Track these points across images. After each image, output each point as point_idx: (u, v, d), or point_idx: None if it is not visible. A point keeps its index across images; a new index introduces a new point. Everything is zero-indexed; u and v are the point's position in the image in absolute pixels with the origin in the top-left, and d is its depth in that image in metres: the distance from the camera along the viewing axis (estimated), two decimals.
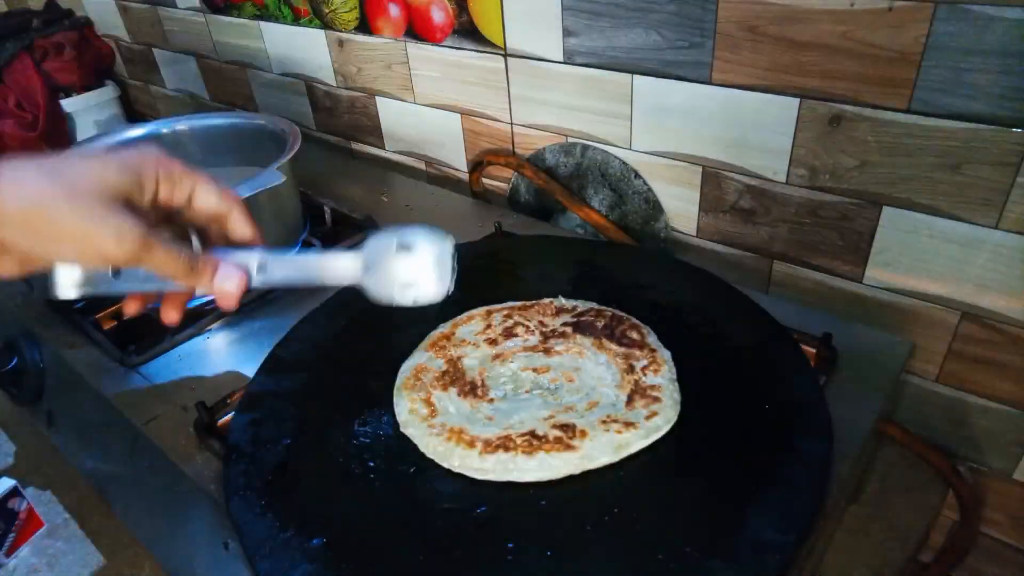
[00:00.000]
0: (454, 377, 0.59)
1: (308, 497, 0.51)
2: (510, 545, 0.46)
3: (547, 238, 0.85)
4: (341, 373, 0.63)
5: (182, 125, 0.96)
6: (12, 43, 1.43)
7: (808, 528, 0.46)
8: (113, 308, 0.81)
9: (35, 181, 0.38)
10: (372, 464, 0.53)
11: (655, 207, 0.85)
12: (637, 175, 0.85)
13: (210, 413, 0.62)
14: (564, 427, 0.52)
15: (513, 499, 0.49)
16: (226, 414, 0.63)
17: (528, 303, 0.67)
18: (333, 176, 1.10)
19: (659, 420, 0.53)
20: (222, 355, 0.73)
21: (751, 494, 0.48)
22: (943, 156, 0.62)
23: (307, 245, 0.89)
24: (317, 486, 0.52)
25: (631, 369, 0.58)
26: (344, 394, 0.60)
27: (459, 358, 0.61)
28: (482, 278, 0.76)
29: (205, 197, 0.45)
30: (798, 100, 0.67)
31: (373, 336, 0.68)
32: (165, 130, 0.95)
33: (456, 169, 1.08)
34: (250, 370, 0.64)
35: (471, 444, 0.52)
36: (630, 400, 0.55)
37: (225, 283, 0.44)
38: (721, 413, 0.55)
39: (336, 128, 1.23)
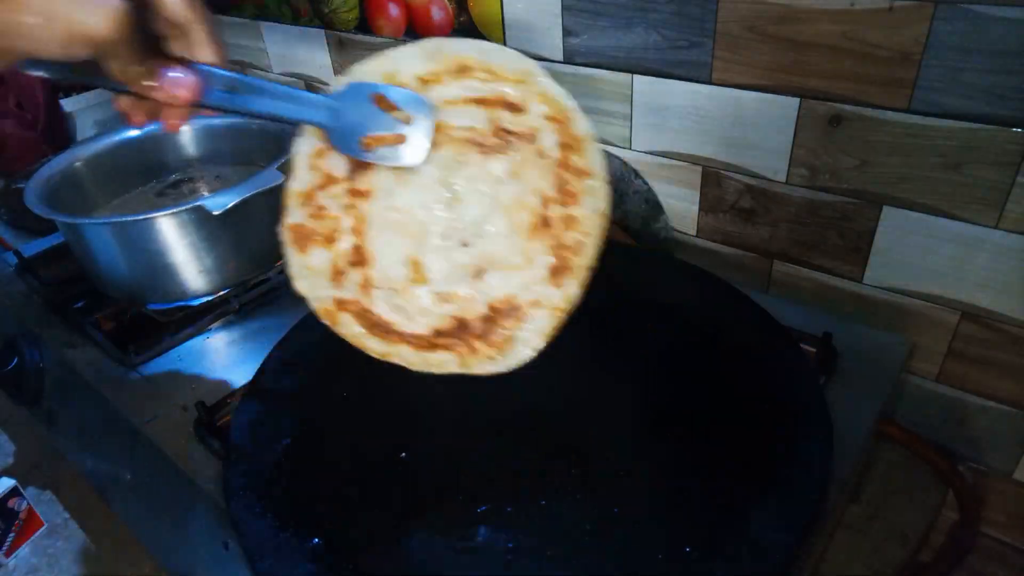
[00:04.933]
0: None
1: (308, 497, 0.51)
2: (510, 545, 0.46)
3: None
4: (341, 373, 0.63)
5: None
6: None
7: (809, 528, 0.46)
8: (112, 309, 0.81)
9: None
10: (372, 464, 0.53)
11: (655, 207, 0.85)
12: (637, 175, 0.84)
13: (210, 413, 0.62)
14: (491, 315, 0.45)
15: (513, 498, 0.49)
16: (226, 414, 0.63)
17: None
18: None
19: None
20: (221, 355, 0.73)
21: (751, 494, 0.48)
22: (943, 156, 0.62)
23: None
24: (317, 486, 0.52)
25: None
26: (343, 394, 0.60)
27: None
28: None
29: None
30: (798, 100, 0.67)
31: None
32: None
33: None
34: (249, 370, 0.64)
35: (405, 341, 0.46)
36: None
37: (176, 88, 0.39)
38: (721, 413, 0.55)
39: None
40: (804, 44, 0.64)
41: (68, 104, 1.52)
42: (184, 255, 0.76)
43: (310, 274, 0.47)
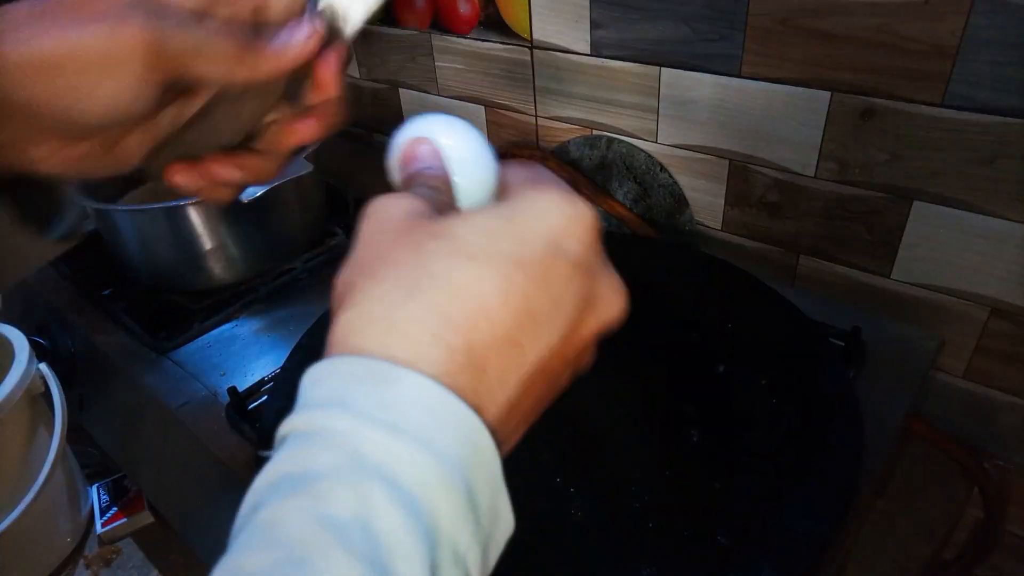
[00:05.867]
0: None
1: None
2: (538, 536, 0.47)
3: None
4: None
5: None
6: None
7: (842, 519, 0.46)
8: (141, 296, 0.82)
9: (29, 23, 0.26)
10: None
11: (680, 200, 0.85)
12: (663, 168, 0.84)
13: (241, 399, 0.62)
14: None
15: (540, 492, 0.50)
16: (257, 400, 0.64)
17: None
18: (355, 167, 1.11)
19: None
20: (249, 343, 0.74)
21: (784, 485, 0.48)
22: (976, 150, 0.61)
23: (330, 234, 0.90)
24: None
25: None
26: None
27: None
28: None
29: None
30: (829, 94, 0.67)
31: None
32: None
33: None
34: (278, 358, 0.65)
35: None
36: None
37: (293, 41, 0.29)
38: (751, 405, 0.55)
39: (358, 119, 1.23)
40: (837, 37, 0.64)
41: None
42: (213, 243, 0.76)
43: None
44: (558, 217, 0.24)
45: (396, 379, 0.20)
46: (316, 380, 0.22)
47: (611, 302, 0.26)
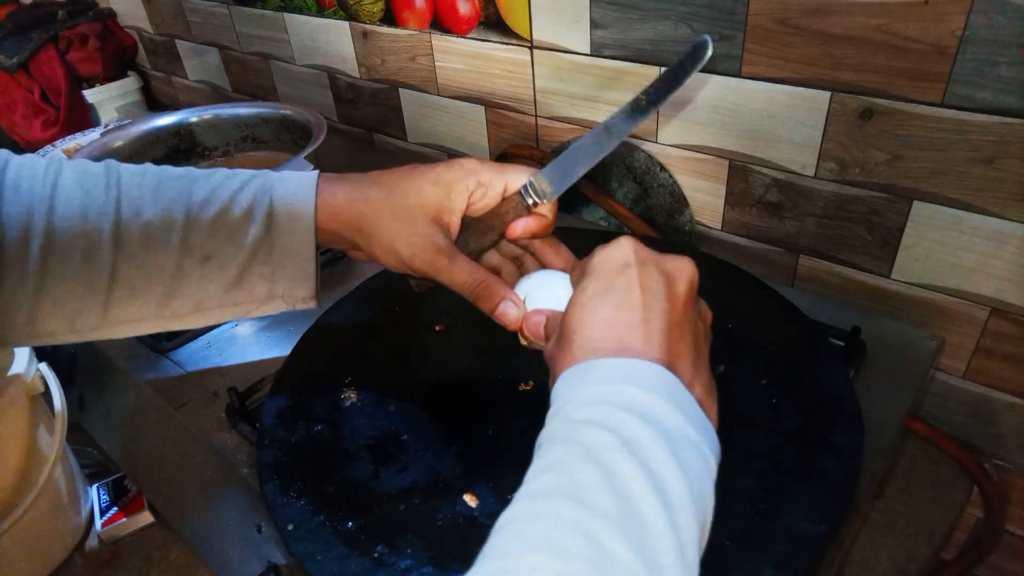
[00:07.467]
0: None
1: (340, 481, 0.52)
2: None
3: (570, 230, 0.85)
4: (373, 360, 0.63)
5: (209, 114, 0.97)
6: (38, 34, 1.45)
7: (841, 519, 0.46)
8: None
9: (375, 198, 0.48)
10: (404, 450, 0.54)
11: (680, 200, 0.85)
12: (663, 168, 0.84)
13: (241, 398, 0.62)
14: None
15: None
16: (257, 400, 0.64)
17: None
18: (354, 168, 1.10)
19: None
20: (250, 343, 0.74)
21: (783, 485, 0.48)
22: (976, 150, 0.61)
23: None
24: (349, 471, 0.53)
25: None
26: (376, 381, 0.61)
27: None
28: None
29: (515, 183, 0.49)
30: (829, 93, 0.67)
31: (405, 324, 0.68)
32: (194, 119, 0.96)
33: None
34: (278, 357, 0.65)
35: None
36: None
37: (504, 315, 0.47)
38: (751, 405, 0.55)
39: (358, 120, 1.23)
40: (836, 37, 0.64)
41: (91, 95, 1.54)
42: None
43: None
44: (610, 252, 0.40)
45: (596, 366, 0.36)
46: (569, 377, 0.37)
47: (680, 268, 0.39)
